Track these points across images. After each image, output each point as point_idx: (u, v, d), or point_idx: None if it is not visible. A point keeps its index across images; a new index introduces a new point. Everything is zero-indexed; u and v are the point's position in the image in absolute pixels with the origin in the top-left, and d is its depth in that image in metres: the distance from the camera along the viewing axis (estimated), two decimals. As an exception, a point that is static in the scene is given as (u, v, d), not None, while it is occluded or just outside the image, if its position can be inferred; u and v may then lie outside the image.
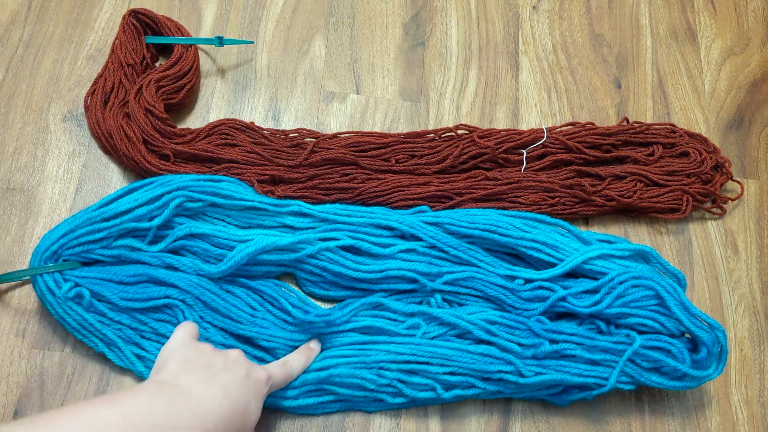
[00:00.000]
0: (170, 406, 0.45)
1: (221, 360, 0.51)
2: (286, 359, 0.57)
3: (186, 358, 0.50)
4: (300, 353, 0.58)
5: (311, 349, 0.59)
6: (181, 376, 0.48)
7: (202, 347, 0.52)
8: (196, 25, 0.74)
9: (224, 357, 0.51)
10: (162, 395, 0.46)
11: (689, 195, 0.70)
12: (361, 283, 0.62)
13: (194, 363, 0.50)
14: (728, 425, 0.63)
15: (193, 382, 0.48)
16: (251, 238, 0.61)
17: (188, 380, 0.48)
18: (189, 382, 0.48)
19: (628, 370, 0.59)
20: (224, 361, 0.51)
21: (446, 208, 0.66)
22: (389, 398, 0.58)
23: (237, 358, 0.52)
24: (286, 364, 0.56)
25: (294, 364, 0.57)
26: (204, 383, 0.48)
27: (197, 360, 0.50)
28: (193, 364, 0.50)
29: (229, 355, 0.52)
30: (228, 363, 0.51)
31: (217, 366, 0.50)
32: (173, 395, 0.46)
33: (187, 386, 0.47)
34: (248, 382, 0.50)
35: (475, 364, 0.58)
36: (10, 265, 0.61)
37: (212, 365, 0.50)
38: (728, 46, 0.82)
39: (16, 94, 0.69)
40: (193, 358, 0.50)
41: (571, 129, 0.72)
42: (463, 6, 0.80)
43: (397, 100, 0.74)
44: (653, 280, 0.60)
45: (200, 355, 0.51)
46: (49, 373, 0.58)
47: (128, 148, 0.64)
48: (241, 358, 0.52)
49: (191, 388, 0.47)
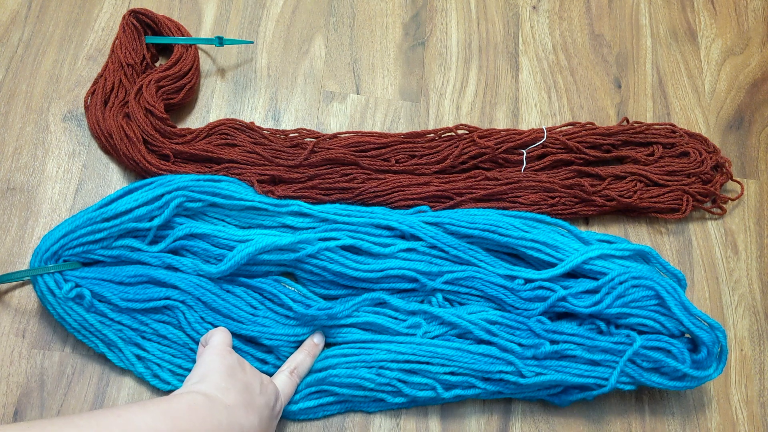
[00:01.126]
0: (219, 423, 0.45)
1: (258, 383, 0.51)
2: (293, 367, 0.56)
3: (229, 373, 0.49)
4: (305, 353, 0.57)
5: (315, 345, 0.58)
6: (227, 394, 0.48)
7: (242, 364, 0.52)
8: (196, 25, 0.74)
9: (260, 380, 0.51)
10: (212, 410, 0.45)
11: (689, 195, 0.70)
12: (361, 283, 0.62)
13: (236, 381, 0.49)
14: (728, 425, 0.63)
15: (238, 403, 0.48)
16: (251, 238, 0.61)
17: (234, 400, 0.47)
18: (234, 403, 0.47)
19: (629, 370, 0.59)
20: (260, 385, 0.51)
21: (446, 208, 0.66)
22: (389, 398, 0.58)
23: (268, 384, 0.52)
24: (293, 373, 0.56)
25: (301, 369, 0.57)
26: (245, 407, 0.48)
27: (238, 378, 0.50)
28: (236, 382, 0.49)
29: (263, 379, 0.52)
30: (262, 388, 0.51)
31: (254, 389, 0.50)
32: (222, 412, 0.46)
33: (233, 406, 0.47)
34: (273, 413, 0.51)
35: (476, 364, 0.58)
36: (10, 265, 0.61)
37: (251, 387, 0.50)
38: (728, 46, 0.82)
39: (16, 94, 0.69)
40: (234, 374, 0.50)
41: (571, 129, 0.72)
42: (463, 6, 0.80)
43: (397, 100, 0.74)
44: (653, 280, 0.60)
45: (241, 372, 0.50)
46: (49, 373, 0.58)
47: (128, 148, 0.64)
48: (270, 385, 0.52)
49: (236, 410, 0.47)
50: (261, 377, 0.52)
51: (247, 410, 0.48)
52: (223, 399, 0.47)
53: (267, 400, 0.51)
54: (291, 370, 0.56)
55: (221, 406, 0.46)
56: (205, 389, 0.47)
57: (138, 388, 0.58)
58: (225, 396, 0.47)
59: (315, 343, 0.58)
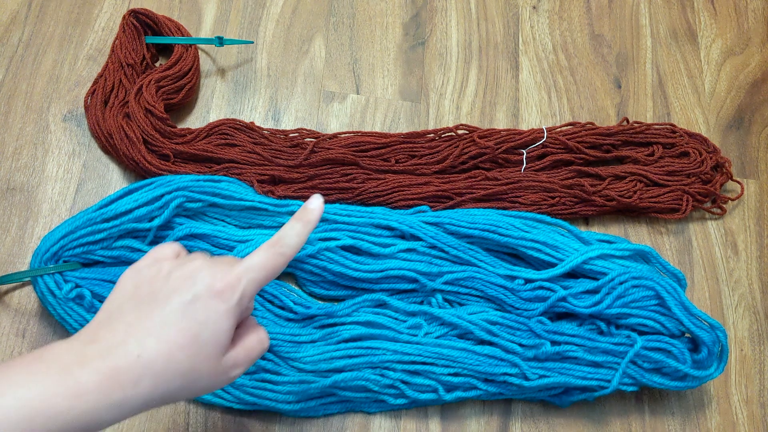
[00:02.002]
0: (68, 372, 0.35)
1: (169, 283, 0.40)
2: (278, 236, 0.42)
3: (128, 292, 0.40)
4: (297, 220, 0.42)
5: (310, 211, 0.43)
6: (104, 325, 0.38)
7: (160, 266, 0.41)
8: (196, 25, 0.74)
9: (177, 275, 0.40)
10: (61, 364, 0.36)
11: (689, 195, 0.70)
12: (361, 283, 0.62)
13: (135, 297, 0.40)
14: (728, 425, 0.63)
15: (117, 328, 0.38)
16: (251, 238, 0.61)
17: (109, 330, 0.38)
18: (108, 332, 0.38)
19: (630, 371, 0.59)
20: (173, 283, 0.39)
21: (446, 208, 0.66)
22: (391, 399, 0.58)
23: (188, 275, 0.40)
24: (275, 245, 0.41)
25: (289, 239, 0.42)
26: (129, 327, 0.38)
27: (141, 291, 0.40)
28: (132, 300, 0.39)
29: (185, 269, 0.40)
30: (174, 285, 0.39)
31: (160, 294, 0.39)
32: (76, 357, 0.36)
33: (103, 338, 0.37)
34: (194, 308, 0.38)
35: (480, 366, 0.58)
36: (10, 265, 0.61)
37: (155, 294, 0.39)
38: (728, 46, 0.82)
39: (16, 94, 0.69)
40: (138, 290, 0.40)
41: (571, 129, 0.72)
42: (463, 6, 0.80)
43: (397, 100, 0.74)
44: (653, 281, 0.60)
45: (149, 281, 0.40)
46: (49, 373, 0.58)
47: (128, 148, 0.64)
48: (196, 272, 0.40)
49: (108, 339, 0.37)
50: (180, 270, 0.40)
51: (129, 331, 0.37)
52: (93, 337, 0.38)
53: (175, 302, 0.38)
54: (272, 243, 0.42)
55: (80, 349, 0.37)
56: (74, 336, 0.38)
57: (138, 389, 0.58)
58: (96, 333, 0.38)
59: (309, 209, 0.43)
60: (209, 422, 0.58)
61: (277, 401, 0.57)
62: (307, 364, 0.57)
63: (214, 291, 0.39)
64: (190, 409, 0.58)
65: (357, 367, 0.57)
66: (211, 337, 0.39)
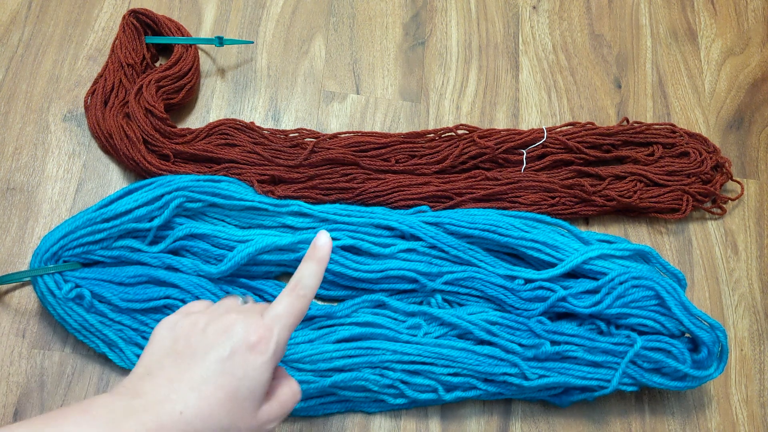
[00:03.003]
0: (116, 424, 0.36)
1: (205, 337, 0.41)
2: (296, 279, 0.43)
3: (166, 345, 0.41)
4: (310, 260, 0.43)
5: (320, 248, 0.44)
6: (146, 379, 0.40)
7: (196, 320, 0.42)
8: (196, 25, 0.74)
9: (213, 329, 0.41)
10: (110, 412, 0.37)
11: (689, 195, 0.70)
12: (361, 283, 0.62)
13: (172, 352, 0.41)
14: (728, 425, 0.63)
15: (158, 383, 0.39)
16: (251, 238, 0.61)
17: (151, 383, 0.39)
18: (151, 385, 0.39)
19: (630, 371, 0.59)
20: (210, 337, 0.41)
21: (446, 208, 0.66)
22: (390, 399, 0.58)
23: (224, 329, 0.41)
24: (296, 289, 0.43)
25: (306, 280, 0.43)
26: (170, 382, 0.39)
27: (178, 345, 0.41)
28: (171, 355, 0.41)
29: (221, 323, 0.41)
30: (211, 339, 0.40)
31: (198, 349, 0.40)
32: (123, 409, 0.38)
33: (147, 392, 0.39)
34: (232, 363, 0.39)
35: (480, 366, 0.58)
36: (10, 265, 0.61)
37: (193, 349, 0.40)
38: (728, 46, 0.82)
39: (16, 94, 0.69)
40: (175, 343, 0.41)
41: (571, 129, 0.72)
42: (463, 6, 0.80)
43: (397, 100, 0.74)
44: (653, 281, 0.60)
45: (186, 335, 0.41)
46: (49, 373, 0.58)
47: (128, 148, 0.64)
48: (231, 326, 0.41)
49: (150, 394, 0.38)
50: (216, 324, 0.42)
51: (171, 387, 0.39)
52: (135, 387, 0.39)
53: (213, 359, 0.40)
54: (292, 288, 0.43)
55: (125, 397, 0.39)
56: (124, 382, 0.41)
57: (138, 389, 0.58)
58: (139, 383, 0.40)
59: (318, 246, 0.44)
60: (209, 422, 0.58)
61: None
62: (307, 363, 0.57)
63: (250, 344, 0.40)
64: (190, 409, 0.58)
65: (357, 367, 0.57)
66: (248, 393, 0.40)
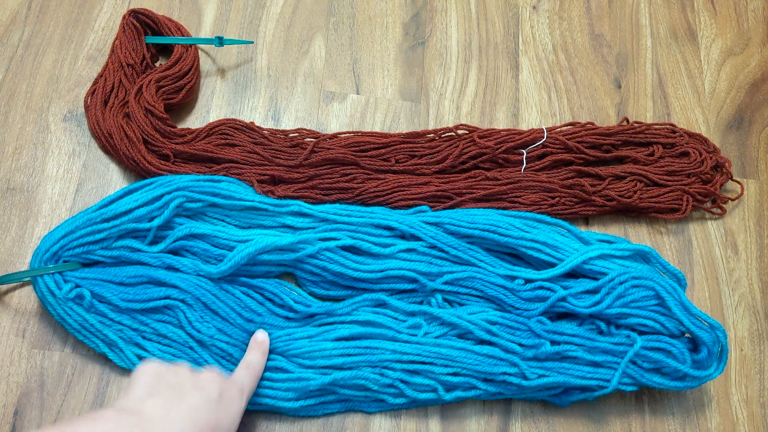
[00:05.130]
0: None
1: (191, 381, 0.50)
2: (246, 361, 0.56)
3: (154, 380, 0.49)
4: (255, 350, 0.57)
5: (260, 342, 0.58)
6: (146, 401, 0.47)
7: (176, 368, 0.51)
8: (196, 25, 0.74)
9: (196, 378, 0.50)
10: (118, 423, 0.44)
11: (689, 195, 0.70)
12: (361, 283, 0.62)
13: (162, 385, 0.48)
14: (728, 425, 0.63)
15: (157, 404, 0.47)
16: (251, 238, 0.61)
17: (152, 403, 0.47)
18: (152, 406, 0.46)
19: (630, 371, 0.59)
20: (194, 382, 0.50)
21: (446, 208, 0.66)
22: (390, 398, 0.58)
23: (209, 379, 0.51)
24: (249, 367, 0.55)
25: (255, 364, 0.56)
26: (168, 405, 0.47)
27: (165, 381, 0.49)
28: (161, 386, 0.48)
29: (201, 376, 0.51)
30: (198, 383, 0.50)
31: (185, 387, 0.49)
32: (131, 422, 0.44)
33: (149, 411, 0.46)
34: (219, 403, 0.49)
35: (479, 366, 0.58)
36: (11, 265, 0.61)
37: (181, 386, 0.49)
38: (728, 46, 0.82)
39: (16, 94, 0.69)
40: (161, 379, 0.49)
41: (571, 129, 0.72)
42: (463, 6, 0.80)
43: (397, 100, 0.74)
44: (653, 281, 0.60)
45: (171, 375, 0.50)
46: (49, 373, 0.58)
47: (128, 148, 0.64)
48: (214, 379, 0.51)
49: (153, 413, 0.46)
50: (199, 375, 0.51)
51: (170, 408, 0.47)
52: (135, 406, 0.46)
53: (204, 395, 0.49)
54: (246, 366, 0.55)
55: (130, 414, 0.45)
56: (120, 403, 0.47)
57: (138, 388, 0.58)
58: (139, 404, 0.46)
59: (259, 341, 0.58)
60: (209, 422, 0.58)
61: (277, 398, 0.57)
62: (306, 359, 0.57)
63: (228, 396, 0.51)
64: (190, 409, 0.58)
65: (356, 366, 0.57)
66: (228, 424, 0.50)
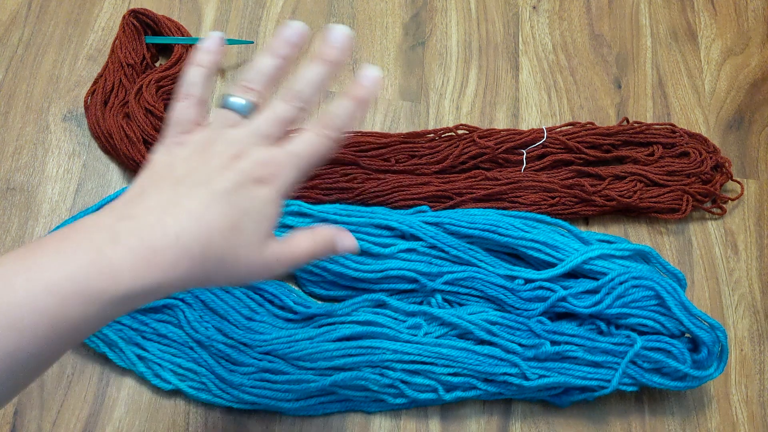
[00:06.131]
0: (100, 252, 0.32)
1: (207, 165, 0.37)
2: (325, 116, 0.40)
3: (161, 170, 0.37)
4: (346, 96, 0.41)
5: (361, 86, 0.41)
6: (137, 201, 0.36)
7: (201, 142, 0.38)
8: (196, 25, 0.74)
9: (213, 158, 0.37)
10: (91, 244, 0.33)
11: (689, 195, 0.70)
12: (361, 283, 0.62)
13: (168, 178, 0.36)
14: (728, 425, 0.63)
15: (150, 205, 0.35)
16: (251, 238, 0.61)
17: (144, 205, 0.35)
18: (142, 208, 0.35)
19: (630, 371, 0.59)
20: (211, 164, 0.37)
21: (446, 208, 0.66)
22: (390, 399, 0.58)
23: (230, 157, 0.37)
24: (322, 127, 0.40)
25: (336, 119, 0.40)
26: (163, 206, 0.35)
27: (176, 173, 0.37)
28: (167, 179, 0.36)
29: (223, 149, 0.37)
30: (215, 166, 0.37)
31: (200, 178, 0.36)
32: (108, 235, 0.33)
33: (136, 216, 0.34)
34: (240, 192, 0.36)
35: (480, 366, 0.58)
36: (10, 265, 0.61)
37: (194, 174, 0.36)
38: (728, 46, 0.82)
39: (16, 94, 0.69)
40: (172, 170, 0.37)
41: (571, 129, 0.72)
42: (463, 6, 0.80)
43: (397, 100, 0.74)
44: (653, 281, 0.60)
45: (185, 160, 0.37)
46: (49, 373, 0.58)
47: (128, 148, 0.64)
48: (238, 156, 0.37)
49: (140, 218, 0.34)
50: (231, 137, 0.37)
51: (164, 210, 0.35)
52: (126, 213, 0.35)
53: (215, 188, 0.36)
54: (320, 124, 0.39)
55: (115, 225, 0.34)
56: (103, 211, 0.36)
57: (138, 388, 0.58)
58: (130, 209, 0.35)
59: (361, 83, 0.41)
60: (209, 422, 0.58)
61: (277, 399, 0.57)
62: (307, 361, 0.57)
63: (258, 178, 0.37)
64: (190, 409, 0.58)
65: (357, 366, 0.57)
66: (252, 225, 0.36)
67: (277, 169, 0.37)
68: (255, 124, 0.39)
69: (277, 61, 0.41)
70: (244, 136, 0.38)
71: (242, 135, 0.38)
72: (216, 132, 0.38)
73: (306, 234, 0.40)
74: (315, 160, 0.39)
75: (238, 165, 0.37)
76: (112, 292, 0.32)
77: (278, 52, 0.41)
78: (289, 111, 0.39)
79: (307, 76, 0.40)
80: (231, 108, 0.39)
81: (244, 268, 0.37)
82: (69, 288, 0.32)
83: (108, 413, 0.58)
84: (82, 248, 0.33)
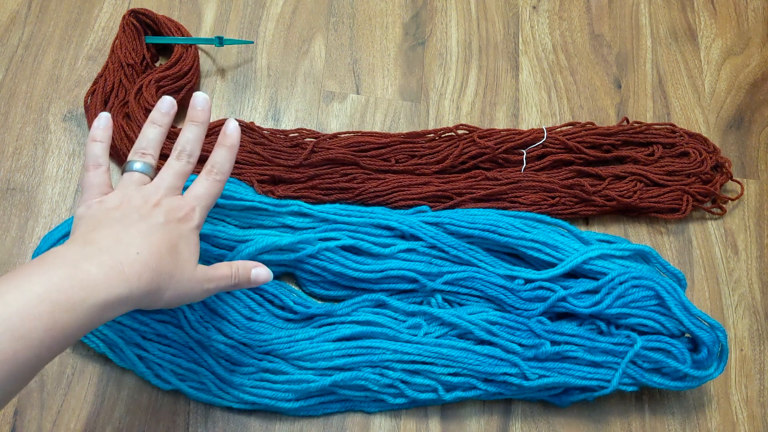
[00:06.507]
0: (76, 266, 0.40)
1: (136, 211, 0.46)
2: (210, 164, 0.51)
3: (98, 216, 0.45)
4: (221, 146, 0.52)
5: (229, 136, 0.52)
6: (92, 233, 0.43)
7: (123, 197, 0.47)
8: (196, 25, 0.74)
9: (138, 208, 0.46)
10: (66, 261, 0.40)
11: (689, 195, 0.70)
12: (361, 283, 0.62)
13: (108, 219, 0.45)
14: (728, 425, 0.63)
15: (104, 235, 0.43)
16: (251, 238, 0.61)
17: (100, 234, 0.43)
18: (98, 237, 0.43)
19: (630, 371, 0.59)
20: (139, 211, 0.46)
21: (446, 208, 0.66)
22: (390, 399, 0.58)
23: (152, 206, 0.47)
24: (211, 173, 0.51)
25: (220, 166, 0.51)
26: (115, 235, 0.43)
27: (113, 215, 0.45)
28: (109, 220, 0.45)
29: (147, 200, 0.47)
30: (142, 213, 0.46)
31: (134, 218, 0.45)
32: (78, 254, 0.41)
33: (96, 241, 0.43)
34: (169, 226, 0.46)
35: (480, 366, 0.58)
36: (10, 265, 0.61)
37: (127, 216, 0.45)
38: (728, 46, 0.82)
39: (16, 94, 0.69)
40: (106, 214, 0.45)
41: (571, 129, 0.72)
42: (463, 6, 0.80)
43: (397, 100, 0.74)
44: (653, 281, 0.60)
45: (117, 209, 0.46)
46: (49, 373, 0.58)
47: (128, 148, 0.64)
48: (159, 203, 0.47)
49: (100, 242, 0.42)
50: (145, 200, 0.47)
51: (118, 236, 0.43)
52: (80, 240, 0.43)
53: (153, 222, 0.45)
54: (208, 172, 0.51)
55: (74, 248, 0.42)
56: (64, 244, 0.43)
57: (138, 388, 0.58)
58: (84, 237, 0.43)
59: (228, 134, 0.52)
60: (209, 422, 0.58)
61: (277, 399, 0.57)
62: (307, 361, 0.57)
63: (177, 219, 0.47)
64: (190, 409, 0.58)
65: (357, 366, 0.57)
66: (185, 247, 0.46)
67: (190, 211, 0.48)
68: (160, 180, 0.49)
69: (159, 128, 0.52)
70: (156, 189, 0.48)
71: (154, 189, 0.48)
72: (130, 189, 0.48)
73: (227, 263, 0.50)
74: (212, 200, 0.50)
75: (160, 210, 0.47)
76: (92, 301, 0.39)
77: (159, 121, 0.52)
78: (183, 166, 0.50)
79: (188, 136, 0.51)
80: (137, 171, 0.49)
81: (186, 284, 0.46)
82: (56, 297, 0.38)
83: (108, 413, 0.58)
84: (61, 265, 0.40)
